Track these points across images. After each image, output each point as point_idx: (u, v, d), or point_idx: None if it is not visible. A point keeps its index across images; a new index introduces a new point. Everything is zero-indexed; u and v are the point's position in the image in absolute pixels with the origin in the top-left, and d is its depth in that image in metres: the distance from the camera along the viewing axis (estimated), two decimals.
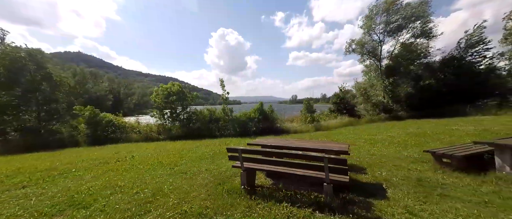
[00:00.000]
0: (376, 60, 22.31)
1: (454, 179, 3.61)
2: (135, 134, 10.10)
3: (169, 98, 11.88)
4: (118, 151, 6.65)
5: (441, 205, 2.73)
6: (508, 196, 2.95)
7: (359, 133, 10.34)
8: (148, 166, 4.93)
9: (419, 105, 18.25)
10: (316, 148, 3.54)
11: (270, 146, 3.94)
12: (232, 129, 12.76)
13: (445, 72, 19.07)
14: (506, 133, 7.50)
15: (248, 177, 3.26)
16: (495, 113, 14.41)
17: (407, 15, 19.34)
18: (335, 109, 23.43)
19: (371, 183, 3.58)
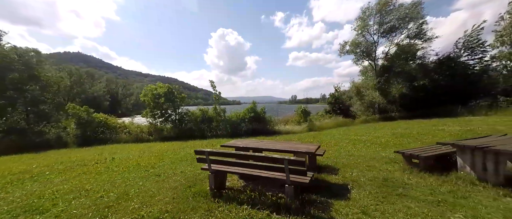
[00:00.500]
0: (371, 60, 22.42)
1: (419, 179, 3.70)
2: (126, 134, 10.17)
3: (158, 99, 11.96)
4: (102, 153, 6.68)
5: (396, 205, 2.82)
6: (462, 195, 3.05)
7: (348, 134, 10.42)
8: (124, 169, 4.94)
9: (413, 105, 18.35)
10: (285, 150, 3.61)
11: (242, 148, 4.01)
12: (224, 129, 12.84)
13: (439, 73, 19.16)
14: (487, 133, 7.60)
15: (216, 180, 3.29)
16: (486, 113, 14.51)
17: (401, 16, 19.47)
18: (331, 109, 23.55)
19: (339, 183, 3.66)
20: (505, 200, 2.90)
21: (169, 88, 12.87)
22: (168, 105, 12.87)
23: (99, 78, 50.47)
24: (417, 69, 19.94)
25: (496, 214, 2.58)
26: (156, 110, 12.18)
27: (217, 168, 3.25)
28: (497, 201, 2.88)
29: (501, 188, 3.16)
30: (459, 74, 17.77)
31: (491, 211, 2.64)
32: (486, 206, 2.76)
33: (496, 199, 2.94)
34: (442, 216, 2.53)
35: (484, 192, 3.12)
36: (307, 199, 3.01)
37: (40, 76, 9.40)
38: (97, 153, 6.70)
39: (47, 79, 9.92)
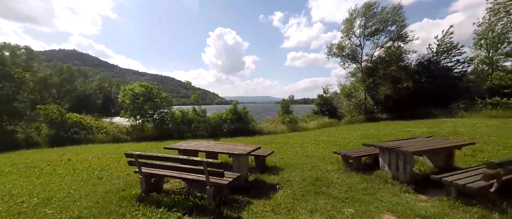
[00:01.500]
0: (356, 63, 22.77)
1: (346, 177, 3.92)
2: (102, 135, 10.22)
3: (137, 99, 12.04)
4: (65, 154, 6.70)
5: (308, 202, 3.00)
6: (371, 192, 3.31)
7: (322, 134, 10.67)
8: (69, 171, 4.88)
9: (397, 107, 18.72)
10: (223, 152, 3.73)
11: (183, 150, 4.15)
12: (204, 130, 12.98)
13: (421, 75, 19.61)
14: (450, 134, 7.88)
15: (148, 183, 3.34)
16: (462, 115, 14.90)
17: (383, 20, 19.86)
18: (318, 110, 23.84)
19: (273, 183, 3.82)
20: (402, 196, 3.15)
21: (148, 87, 12.94)
22: (149, 105, 12.94)
23: (92, 77, 50.08)
24: (400, 72, 20.33)
25: (384, 207, 2.81)
26: (135, 111, 12.25)
27: (147, 171, 3.36)
28: (395, 197, 3.12)
29: (405, 185, 3.40)
30: (439, 76, 18.20)
31: (382, 205, 2.88)
32: (383, 201, 3.00)
33: (396, 195, 3.18)
34: (338, 211, 2.74)
35: (391, 189, 3.37)
36: (231, 199, 3.14)
37: (15, 74, 9.32)
38: (60, 154, 6.71)
39: (22, 76, 9.82)
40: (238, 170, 3.59)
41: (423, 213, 2.67)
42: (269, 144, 8.16)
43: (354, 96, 21.75)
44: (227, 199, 3.05)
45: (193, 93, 13.77)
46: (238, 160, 3.60)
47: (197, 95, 13.90)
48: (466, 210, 2.66)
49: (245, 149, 3.79)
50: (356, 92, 21.99)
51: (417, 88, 19.03)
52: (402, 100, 19.06)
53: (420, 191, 3.31)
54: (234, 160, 3.62)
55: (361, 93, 21.39)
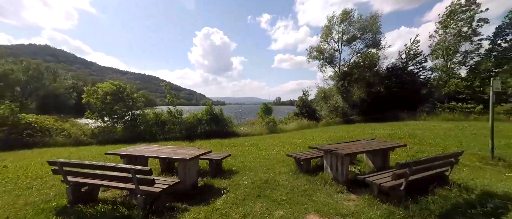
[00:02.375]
0: (334, 66, 23.74)
1: (294, 179, 4.10)
2: (62, 137, 9.58)
3: (105, 99, 11.48)
4: (5, 159, 6.15)
5: (246, 206, 3.07)
6: (309, 193, 3.51)
7: (295, 136, 10.98)
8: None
9: (370, 110, 19.72)
10: (168, 157, 3.65)
11: (125, 155, 4.00)
12: (178, 132, 12.69)
13: (391, 80, 20.90)
14: (406, 136, 8.48)
15: (75, 193, 3.11)
16: (425, 118, 16.11)
17: (361, 27, 20.95)
18: (299, 112, 24.37)
19: (220, 187, 3.83)
20: (335, 196, 3.38)
21: (119, 86, 12.40)
22: (121, 105, 12.38)
23: (64, 74, 46.72)
24: (374, 77, 21.51)
25: (312, 208, 2.99)
26: (103, 111, 11.66)
27: (74, 180, 3.12)
28: (328, 197, 3.34)
29: (341, 186, 3.65)
30: (407, 82, 19.55)
31: (312, 206, 3.07)
32: (315, 202, 3.19)
33: (330, 195, 3.40)
34: (270, 214, 2.86)
35: (328, 190, 3.60)
36: (168, 207, 3.07)
37: None
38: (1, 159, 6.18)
39: None
40: (184, 175, 3.57)
41: (345, 212, 2.88)
42: (238, 147, 8.22)
43: (330, 99, 22.58)
44: (161, 208, 2.98)
45: (168, 94, 13.42)
46: (183, 165, 3.57)
47: (172, 95, 13.57)
48: (380, 207, 2.91)
49: (191, 154, 3.78)
50: (333, 95, 22.88)
51: (388, 93, 20.27)
52: (375, 104, 20.15)
53: (353, 191, 3.55)
54: (179, 165, 3.60)
55: (337, 96, 22.31)
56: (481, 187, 3.46)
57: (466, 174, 4.20)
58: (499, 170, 4.37)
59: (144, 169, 2.73)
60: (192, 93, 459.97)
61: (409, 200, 2.88)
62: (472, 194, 3.20)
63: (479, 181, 3.75)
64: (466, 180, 3.77)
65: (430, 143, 7.05)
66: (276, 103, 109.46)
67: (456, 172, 4.24)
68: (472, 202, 2.95)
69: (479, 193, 3.24)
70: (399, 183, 2.94)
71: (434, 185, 3.17)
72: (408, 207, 2.78)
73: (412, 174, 2.93)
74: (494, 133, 4.95)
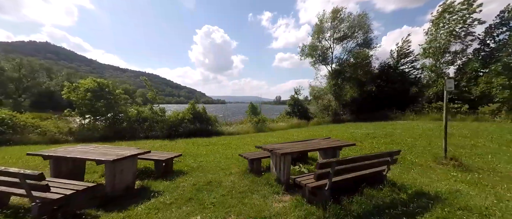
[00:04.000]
0: (326, 64, 23.60)
1: (239, 180, 4.01)
2: (36, 135, 9.50)
3: (85, 95, 11.39)
4: None
5: (165, 212, 2.91)
6: (244, 195, 3.40)
7: (278, 135, 10.98)
8: None
9: (361, 109, 19.59)
10: (92, 158, 3.35)
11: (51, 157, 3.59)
12: (159, 130, 12.60)
13: (383, 79, 20.75)
14: (384, 134, 8.38)
15: None
16: (413, 118, 15.98)
17: (351, 25, 20.78)
18: (291, 111, 24.26)
19: (156, 191, 3.63)
20: (269, 197, 3.28)
21: (101, 83, 12.29)
22: (103, 102, 12.28)
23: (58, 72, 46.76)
24: (365, 76, 21.35)
25: (235, 211, 2.89)
26: (83, 108, 11.57)
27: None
28: (261, 198, 3.24)
29: (280, 186, 3.57)
30: (397, 81, 19.41)
31: (236, 209, 2.97)
32: (244, 204, 3.09)
33: (264, 196, 3.31)
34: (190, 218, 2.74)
35: (265, 190, 3.51)
36: (79, 214, 2.85)
37: None
38: None
39: None
40: (112, 177, 3.36)
41: (266, 214, 2.80)
42: (210, 145, 8.14)
43: (321, 98, 22.46)
44: (62, 216, 2.69)
45: (150, 90, 13.32)
46: (110, 167, 3.34)
47: (153, 92, 13.48)
48: (304, 208, 2.83)
49: (120, 155, 3.51)
50: (325, 94, 22.75)
51: (379, 92, 20.15)
52: (366, 103, 20.03)
53: (291, 192, 3.45)
54: (105, 167, 3.39)
55: (329, 95, 22.18)
56: (418, 186, 3.36)
57: (414, 174, 4.09)
58: (448, 169, 4.27)
59: (33, 174, 2.43)
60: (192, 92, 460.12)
61: (331, 200, 2.78)
62: (404, 194, 3.10)
63: (420, 180, 3.66)
64: (406, 179, 3.67)
65: (399, 142, 6.95)
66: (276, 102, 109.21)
67: (405, 171, 4.15)
68: (396, 201, 2.85)
69: (412, 193, 3.14)
70: (324, 184, 2.84)
71: (363, 185, 3.07)
72: (326, 208, 2.69)
73: (336, 174, 2.82)
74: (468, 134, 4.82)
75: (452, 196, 3.00)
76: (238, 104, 29.13)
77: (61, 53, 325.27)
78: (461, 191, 3.18)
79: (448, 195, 3.04)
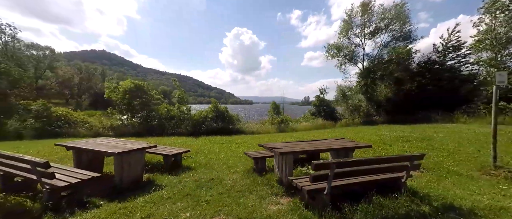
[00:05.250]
0: (356, 63, 21.80)
1: (241, 179, 3.90)
2: (84, 130, 11.04)
3: (125, 95, 12.75)
4: (19, 147, 7.17)
5: (159, 207, 2.92)
6: (242, 195, 3.28)
7: (299, 136, 10.58)
8: None
9: (398, 110, 17.58)
10: (101, 150, 3.60)
11: (73, 148, 3.99)
12: (184, 127, 13.35)
13: (425, 77, 18.18)
14: (420, 138, 7.30)
15: (5, 182, 3.14)
16: (464, 121, 13.57)
17: (384, 18, 18.79)
18: (316, 111, 23.22)
19: (159, 185, 3.71)
20: (267, 198, 3.07)
21: (137, 85, 13.61)
22: (138, 101, 13.60)
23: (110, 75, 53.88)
24: (403, 73, 19.03)
25: (226, 211, 2.77)
26: (122, 106, 12.98)
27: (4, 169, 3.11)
28: (258, 199, 3.05)
29: (281, 187, 3.32)
30: (444, 79, 16.74)
31: (231, 208, 2.86)
32: (240, 204, 2.96)
33: (262, 197, 3.11)
34: (175, 215, 2.70)
35: (265, 191, 3.33)
36: (85, 201, 3.03)
37: (7, 70, 10.38)
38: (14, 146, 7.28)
39: (15, 73, 10.89)
40: (120, 169, 3.57)
41: (258, 216, 2.62)
42: (225, 143, 8.24)
43: (350, 98, 20.84)
44: (67, 203, 2.87)
45: (178, 89, 14.23)
46: (118, 159, 3.55)
47: (182, 92, 14.34)
48: (298, 212, 2.56)
49: (125, 147, 3.72)
50: (353, 94, 21.05)
51: (420, 91, 17.72)
52: (404, 103, 17.85)
53: (290, 194, 3.19)
54: (114, 159, 3.60)
55: (358, 95, 20.43)
56: (449, 199, 2.74)
57: (448, 183, 3.37)
58: (496, 182, 3.38)
59: (40, 162, 2.60)
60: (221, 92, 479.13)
61: (329, 206, 2.44)
62: (426, 206, 2.55)
63: (453, 192, 2.98)
64: (435, 190, 3.03)
65: (438, 148, 5.89)
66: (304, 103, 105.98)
67: (435, 180, 3.46)
68: (413, 214, 2.35)
69: (438, 205, 2.56)
70: (323, 187, 2.52)
71: (373, 192, 2.63)
72: (322, 214, 2.37)
73: (338, 177, 2.47)
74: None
75: (493, 214, 2.34)
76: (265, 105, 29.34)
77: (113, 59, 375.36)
78: (507, 209, 2.46)
79: (488, 212, 2.39)
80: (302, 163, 4.25)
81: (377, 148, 6.35)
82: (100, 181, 3.68)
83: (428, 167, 4.29)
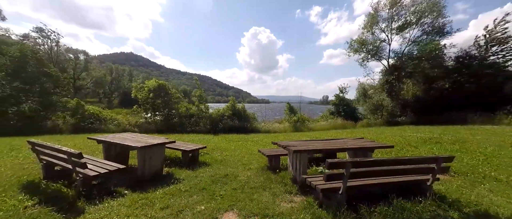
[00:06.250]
0: (380, 59, 20.50)
1: (255, 176, 3.92)
2: (114, 126, 12.00)
3: (149, 94, 13.58)
4: (60, 140, 7.96)
5: (176, 199, 3.06)
6: (255, 191, 3.30)
7: (312, 135, 10.34)
8: None
9: (428, 110, 16.25)
10: (125, 144, 3.90)
11: (102, 141, 4.36)
12: (203, 125, 13.80)
13: (462, 74, 16.46)
14: (452, 140, 6.70)
15: (47, 170, 3.57)
16: (508, 122, 12.07)
17: (416, 10, 17.35)
18: (335, 111, 22.46)
19: (178, 178, 3.89)
20: (280, 196, 3.06)
21: (161, 84, 14.40)
22: (161, 100, 14.40)
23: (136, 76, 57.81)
24: (435, 70, 17.45)
25: (239, 206, 2.81)
26: (146, 105, 13.86)
27: (46, 159, 3.54)
28: (271, 197, 3.05)
29: (295, 186, 3.28)
30: (485, 75, 14.98)
31: (244, 203, 2.89)
32: (253, 200, 2.98)
33: (275, 195, 3.12)
34: (191, 208, 2.79)
35: (278, 189, 3.32)
36: (114, 190, 3.25)
37: (51, 72, 11.65)
38: (56, 139, 8.16)
39: (57, 74, 12.14)
40: (142, 162, 3.80)
41: (270, 213, 2.62)
42: (240, 141, 8.35)
43: (372, 97, 19.69)
44: (98, 191, 3.14)
45: (198, 88, 14.74)
46: (141, 153, 3.77)
47: (201, 91, 14.84)
48: (312, 211, 2.50)
49: (147, 142, 3.96)
50: (376, 92, 19.86)
51: (456, 89, 16.13)
52: (435, 103, 16.43)
53: (304, 193, 3.13)
54: (137, 152, 3.81)
55: (382, 93, 19.22)
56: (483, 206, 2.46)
57: (483, 190, 3.03)
58: None
59: (74, 152, 2.88)
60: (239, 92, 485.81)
61: (344, 207, 2.35)
62: (455, 212, 2.32)
63: (489, 199, 2.67)
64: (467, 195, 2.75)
65: (473, 151, 5.31)
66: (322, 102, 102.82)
67: (469, 186, 3.13)
68: None
69: (469, 212, 2.32)
70: (338, 187, 2.44)
71: (394, 195, 2.46)
72: (337, 214, 2.29)
73: (354, 177, 2.37)
74: None
75: None
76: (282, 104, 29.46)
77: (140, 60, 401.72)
78: None
79: None
80: (317, 162, 4.15)
81: (401, 149, 5.94)
82: (126, 172, 4.02)
83: (461, 171, 3.90)
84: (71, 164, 3.06)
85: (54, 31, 29.42)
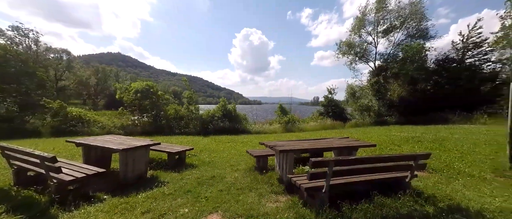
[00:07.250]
0: (367, 61, 21.19)
1: (242, 177, 3.89)
2: (98, 128, 11.52)
3: (136, 95, 13.18)
4: (38, 144, 7.59)
5: (159, 202, 2.98)
6: (241, 192, 3.28)
7: (303, 136, 10.45)
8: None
9: (412, 110, 16.92)
10: (106, 147, 3.78)
11: (81, 144, 4.19)
12: (193, 127, 13.57)
13: (442, 76, 17.34)
14: (432, 139, 7.00)
15: (19, 176, 3.35)
16: (485, 122, 12.82)
17: (400, 14, 18.12)
18: (324, 111, 22.82)
19: (162, 181, 3.81)
20: (266, 196, 3.05)
21: (148, 86, 14.03)
22: (148, 102, 14.01)
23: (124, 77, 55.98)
24: (418, 72, 18.25)
25: (223, 208, 2.78)
26: (133, 107, 13.44)
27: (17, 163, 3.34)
28: (257, 197, 3.03)
29: (281, 186, 3.29)
30: (462, 77, 15.87)
31: (228, 204, 2.86)
32: (239, 201, 2.95)
33: (261, 195, 3.11)
34: (174, 211, 2.73)
35: (264, 189, 3.30)
36: (91, 196, 3.13)
37: (37, 72, 10.98)
38: (33, 143, 7.69)
39: (41, 74, 11.47)
40: (125, 165, 3.67)
41: (255, 213, 2.61)
42: (230, 143, 8.28)
43: (360, 98, 20.27)
44: (73, 197, 2.95)
45: (187, 89, 14.51)
46: (123, 155, 3.66)
47: (191, 92, 14.61)
48: (296, 210, 2.55)
49: (130, 144, 3.84)
50: (364, 93, 20.46)
51: (437, 91, 16.94)
52: (419, 104, 17.16)
53: (290, 192, 3.15)
54: (119, 155, 3.70)
55: (370, 94, 19.84)
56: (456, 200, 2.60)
57: (457, 185, 3.20)
58: (511, 184, 3.14)
59: (48, 156, 2.71)
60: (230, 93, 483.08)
61: (327, 205, 2.39)
62: (430, 206, 2.43)
63: (462, 193, 2.82)
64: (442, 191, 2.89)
65: (450, 149, 5.59)
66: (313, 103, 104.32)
67: (444, 181, 3.28)
68: (415, 214, 2.25)
69: (443, 206, 2.44)
70: (321, 185, 2.47)
71: (375, 192, 2.53)
72: (320, 212, 2.32)
73: (337, 176, 2.41)
74: None
75: (503, 217, 2.18)
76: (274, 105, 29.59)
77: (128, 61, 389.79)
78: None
79: (498, 214, 2.23)
80: (304, 162, 4.19)
81: (385, 148, 6.14)
82: (107, 176, 3.86)
83: (438, 168, 4.08)
84: (44, 168, 2.88)
85: (32, 30, 28.00)
